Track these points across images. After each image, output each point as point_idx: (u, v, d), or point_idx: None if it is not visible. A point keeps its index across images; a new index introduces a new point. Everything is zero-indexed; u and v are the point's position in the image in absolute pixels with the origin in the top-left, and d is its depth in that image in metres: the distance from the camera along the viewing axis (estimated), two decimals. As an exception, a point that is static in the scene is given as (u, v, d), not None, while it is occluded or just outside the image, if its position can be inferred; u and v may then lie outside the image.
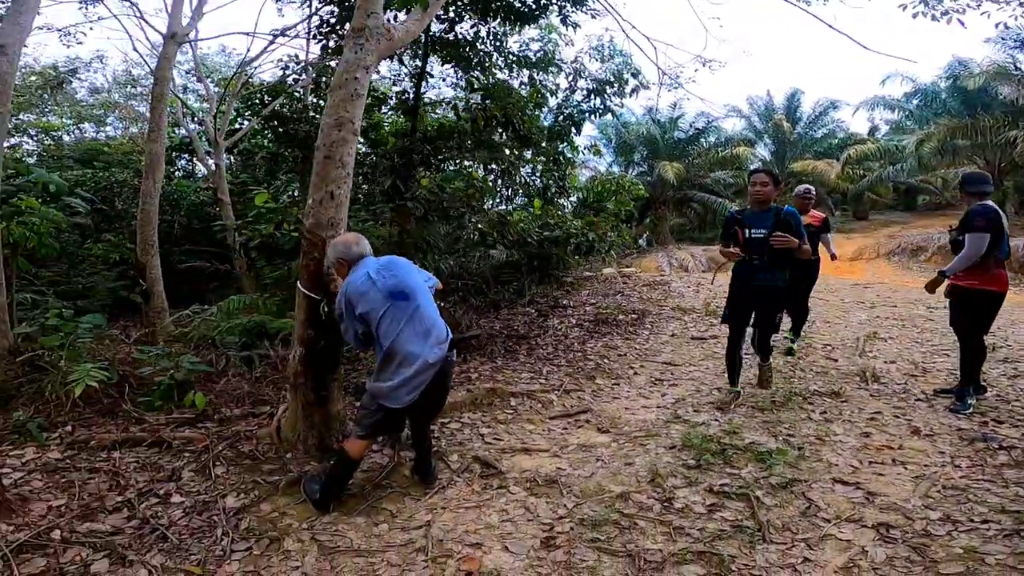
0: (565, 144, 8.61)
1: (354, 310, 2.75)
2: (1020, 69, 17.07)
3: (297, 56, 9.06)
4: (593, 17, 7.17)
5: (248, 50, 14.81)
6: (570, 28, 7.06)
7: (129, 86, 18.41)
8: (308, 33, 10.00)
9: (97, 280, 8.18)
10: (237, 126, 10.74)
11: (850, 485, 2.89)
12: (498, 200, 9.31)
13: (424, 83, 7.16)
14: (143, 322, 6.65)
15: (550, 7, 6.62)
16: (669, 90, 8.69)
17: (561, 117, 8.30)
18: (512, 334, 6.36)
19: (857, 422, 3.74)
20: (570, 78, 8.26)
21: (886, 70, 22.84)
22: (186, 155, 13.70)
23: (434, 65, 7.58)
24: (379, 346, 2.74)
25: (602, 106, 8.39)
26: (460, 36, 6.84)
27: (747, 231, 3.92)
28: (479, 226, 6.23)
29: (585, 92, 8.29)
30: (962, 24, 5.55)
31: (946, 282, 3.96)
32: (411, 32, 3.90)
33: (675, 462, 3.20)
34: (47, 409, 3.71)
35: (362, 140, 7.29)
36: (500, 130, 7.03)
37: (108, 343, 5.12)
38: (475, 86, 7.14)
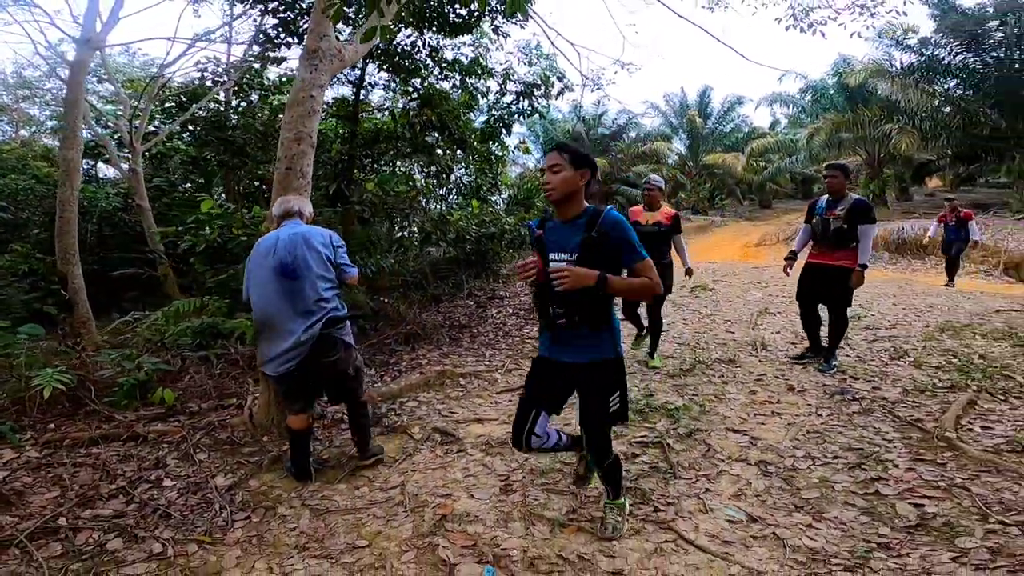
0: (496, 144, 9.08)
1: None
2: (895, 66, 18.39)
3: (217, 59, 8.92)
4: (522, 27, 7.67)
5: (167, 53, 14.09)
6: (501, 37, 7.52)
7: (21, 89, 17.11)
8: (229, 37, 9.90)
9: (10, 292, 7.80)
10: (152, 128, 10.38)
11: (739, 432, 3.55)
12: (432, 201, 9.65)
13: (365, 91, 7.39)
14: (68, 332, 6.51)
15: (483, 18, 7.04)
16: (591, 91, 9.37)
17: (492, 119, 8.73)
18: (455, 324, 6.83)
19: (747, 383, 4.49)
20: (500, 81, 8.71)
21: (783, 67, 24.82)
22: (90, 159, 12.90)
23: (371, 72, 7.82)
24: (256, 312, 2.94)
25: (530, 107, 8.81)
26: (399, 46, 7.12)
27: (546, 258, 2.29)
28: (424, 225, 6.62)
29: (514, 95, 8.70)
30: (823, 35, 6.69)
31: (799, 261, 4.81)
32: (360, 52, 4.26)
33: (604, 422, 3.82)
34: (8, 415, 3.82)
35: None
36: (436, 133, 7.40)
37: (52, 351, 5.10)
38: (412, 93, 7.46)
